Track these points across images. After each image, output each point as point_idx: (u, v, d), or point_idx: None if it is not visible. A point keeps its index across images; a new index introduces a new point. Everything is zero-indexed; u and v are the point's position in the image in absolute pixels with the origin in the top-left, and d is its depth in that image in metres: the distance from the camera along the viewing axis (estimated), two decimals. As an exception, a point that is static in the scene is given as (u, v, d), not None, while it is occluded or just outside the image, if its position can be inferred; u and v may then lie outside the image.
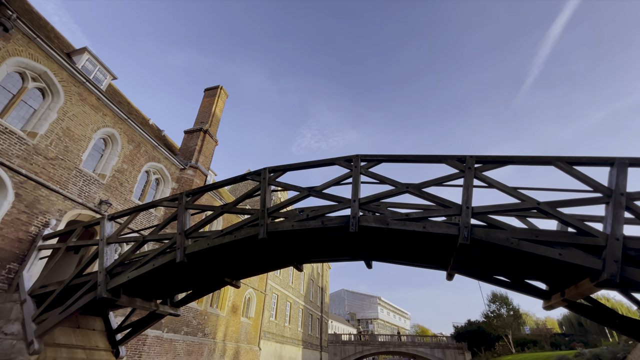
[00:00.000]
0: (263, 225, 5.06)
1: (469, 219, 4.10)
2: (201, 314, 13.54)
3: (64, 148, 8.15)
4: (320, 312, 38.87)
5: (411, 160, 5.01)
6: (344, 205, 4.87)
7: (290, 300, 27.49)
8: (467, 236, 3.97)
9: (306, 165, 5.66)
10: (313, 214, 4.96)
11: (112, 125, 9.86)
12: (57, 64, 8.29)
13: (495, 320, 32.57)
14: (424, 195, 4.55)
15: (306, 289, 33.48)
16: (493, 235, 3.95)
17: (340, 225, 4.68)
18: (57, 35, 11.74)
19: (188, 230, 5.61)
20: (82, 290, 5.69)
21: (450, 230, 4.11)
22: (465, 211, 4.16)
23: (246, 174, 6.05)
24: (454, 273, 5.19)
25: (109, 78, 11.56)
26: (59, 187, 7.84)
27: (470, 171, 4.44)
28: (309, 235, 5.28)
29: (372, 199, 4.77)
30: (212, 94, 17.72)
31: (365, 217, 4.61)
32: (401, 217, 4.44)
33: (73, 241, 6.59)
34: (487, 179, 4.38)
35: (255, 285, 19.73)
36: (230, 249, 5.57)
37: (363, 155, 5.27)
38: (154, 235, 5.90)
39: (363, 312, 77.36)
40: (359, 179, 5.00)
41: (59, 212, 7.74)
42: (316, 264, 38.43)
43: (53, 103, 8.17)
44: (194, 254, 5.42)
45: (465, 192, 4.32)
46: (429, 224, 4.25)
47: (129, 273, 5.51)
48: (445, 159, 4.77)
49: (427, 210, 4.48)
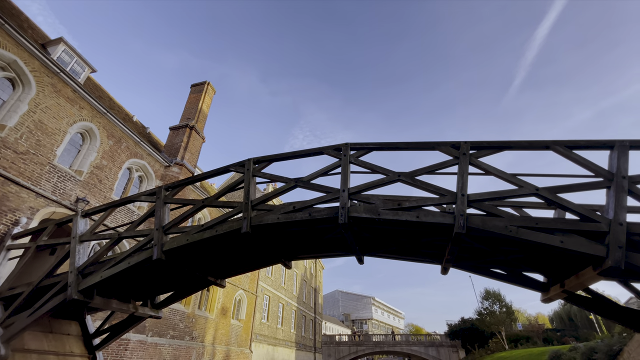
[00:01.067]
0: (247, 219, 4.76)
1: (464, 207, 3.88)
2: (188, 317, 13.10)
3: (35, 142, 7.68)
4: (314, 314, 38.57)
5: (403, 147, 4.79)
6: (332, 196, 4.60)
7: (282, 302, 27.12)
8: (463, 225, 3.75)
9: (293, 155, 5.38)
10: (300, 205, 4.68)
11: (89, 119, 9.40)
12: (28, 52, 7.82)
13: (488, 317, 32.76)
14: (417, 184, 4.32)
15: (299, 290, 33.15)
16: (490, 224, 3.73)
17: (328, 216, 4.41)
18: (31, 25, 11.20)
19: (166, 225, 5.28)
20: (52, 292, 5.29)
21: (446, 219, 3.88)
22: (461, 199, 3.94)
23: (229, 165, 5.75)
24: (449, 266, 4.98)
25: (87, 70, 11.06)
26: (30, 183, 7.38)
27: (465, 157, 4.23)
28: (296, 228, 5.01)
29: (363, 188, 4.51)
30: (199, 90, 17.27)
31: (355, 208, 4.36)
32: (393, 206, 4.20)
33: (44, 240, 6.17)
34: (483, 165, 4.17)
35: (246, 287, 19.32)
36: (212, 245, 5.25)
37: (352, 144, 5.03)
38: (130, 232, 5.54)
39: (357, 312, 77.39)
40: (349, 168, 4.75)
41: (30, 209, 7.28)
42: (309, 264, 38.14)
43: (24, 94, 7.70)
44: (173, 250, 5.09)
45: (460, 179, 4.10)
46: (422, 213, 4.01)
47: (102, 272, 5.15)
48: (439, 146, 4.55)
49: (420, 199, 4.24)
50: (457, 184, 4.12)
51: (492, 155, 4.40)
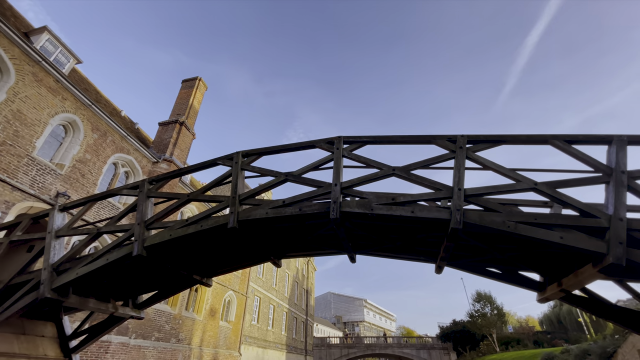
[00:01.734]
0: (234, 213, 4.55)
1: (461, 201, 3.74)
2: (175, 318, 12.74)
3: (13, 133, 7.33)
4: (306, 315, 38.28)
5: (398, 141, 4.64)
6: (324, 190, 4.42)
7: (273, 303, 26.80)
8: (459, 220, 3.61)
9: (284, 148, 5.19)
10: (290, 200, 4.49)
11: (73, 111, 9.05)
12: (7, 39, 7.47)
13: (480, 319, 32.95)
14: (412, 178, 4.17)
15: (290, 292, 32.85)
16: (488, 219, 3.60)
17: (320, 211, 4.23)
18: (15, 14, 10.79)
19: (148, 220, 5.03)
20: (24, 290, 4.99)
21: (441, 214, 3.74)
22: (457, 193, 3.80)
23: (217, 158, 5.54)
24: (443, 265, 4.84)
25: (72, 61, 10.69)
26: (6, 175, 7.02)
27: (461, 151, 4.10)
28: (286, 224, 4.83)
29: (356, 182, 4.35)
30: (190, 85, 16.94)
31: (347, 202, 4.19)
32: (387, 201, 4.04)
33: (18, 235, 5.84)
34: (480, 159, 4.05)
35: (236, 287, 18.98)
36: (197, 241, 5.03)
37: (346, 137, 4.87)
38: (110, 226, 5.27)
39: (349, 314, 77.31)
40: (341, 161, 4.59)
41: (5, 203, 6.92)
42: (301, 265, 37.84)
43: (2, 82, 7.35)
44: (155, 247, 4.84)
45: (456, 173, 3.97)
46: (417, 208, 3.86)
47: (78, 269, 4.86)
48: (435, 139, 4.41)
49: (416, 195, 4.09)
50: (453, 179, 3.99)
51: (490, 149, 4.29)
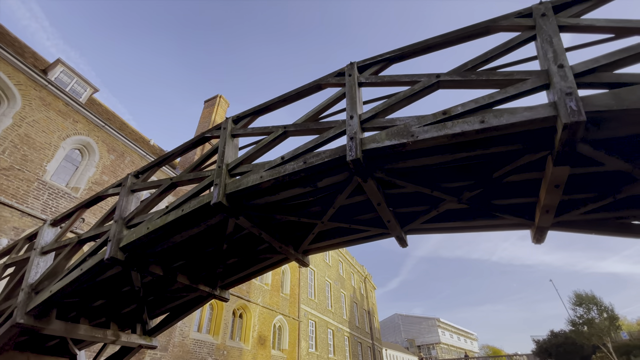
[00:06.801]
0: (218, 185, 3.40)
1: (568, 82, 2.14)
2: (218, 349, 11.82)
3: (21, 157, 7.23)
4: (371, 339, 35.54)
5: (438, 44, 3.17)
6: (337, 130, 3.09)
7: (331, 327, 24.98)
8: (576, 108, 2.00)
9: (281, 99, 3.99)
10: (291, 154, 3.22)
11: (86, 133, 8.99)
12: (11, 66, 7.59)
13: (585, 327, 27.38)
14: (471, 78, 2.66)
15: (349, 314, 30.73)
16: (634, 95, 1.96)
17: (332, 158, 2.89)
18: (21, 44, 11.47)
19: (127, 216, 4.10)
20: (3, 318, 4.28)
21: (538, 112, 2.16)
22: (558, 73, 2.21)
23: (205, 132, 4.56)
24: (547, 224, 3.09)
25: (89, 90, 10.98)
26: (14, 201, 6.82)
27: (545, 19, 2.54)
28: (294, 196, 3.54)
29: (382, 108, 2.96)
30: (211, 104, 17.04)
31: (372, 137, 2.79)
32: (435, 118, 2.56)
33: (12, 258, 5.34)
34: (582, 23, 2.46)
35: (286, 311, 17.76)
36: (185, 234, 3.93)
37: (361, 61, 3.56)
38: (90, 232, 4.45)
39: (422, 337, 71.36)
40: (357, 90, 3.26)
41: (14, 230, 6.67)
42: (357, 283, 35.55)
43: (8, 108, 7.39)
44: (135, 247, 3.85)
45: (547, 46, 2.39)
46: (491, 114, 2.32)
47: (52, 286, 4.04)
48: (497, 23, 2.89)
49: (479, 98, 2.55)
50: (541, 57, 2.43)
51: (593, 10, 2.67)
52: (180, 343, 9.98)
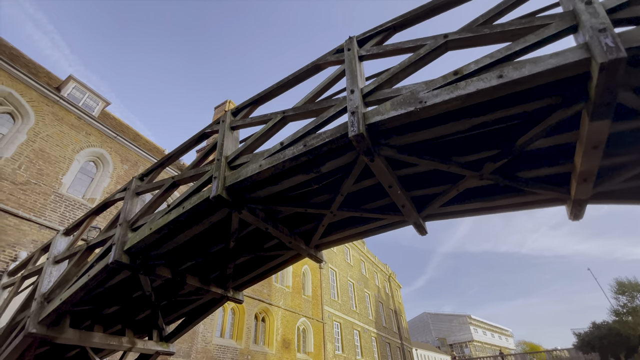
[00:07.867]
0: (217, 178, 3.23)
1: (601, 19, 1.81)
2: (242, 354, 11.74)
3: (37, 171, 7.42)
4: (400, 339, 34.77)
5: (446, 3, 2.88)
6: (337, 109, 2.85)
7: (357, 328, 24.56)
8: (617, 44, 1.67)
9: (280, 85, 3.78)
10: (290, 139, 3.00)
11: (99, 145, 9.17)
12: (23, 84, 7.83)
13: (630, 316, 25.60)
14: (483, 32, 2.36)
15: (376, 314, 30.17)
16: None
17: (332, 138, 2.64)
18: (35, 65, 11.84)
19: (132, 219, 4.00)
20: (17, 330, 4.29)
21: (567, 57, 1.84)
22: (587, 9, 1.88)
23: (205, 127, 4.42)
24: (586, 196, 2.72)
25: (101, 104, 11.25)
26: (32, 214, 6.98)
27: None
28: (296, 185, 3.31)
29: (385, 79, 2.69)
30: (221, 110, 17.21)
31: (375, 110, 2.53)
32: (446, 80, 2.27)
33: (29, 269, 5.41)
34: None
35: (309, 313, 17.55)
36: (190, 233, 3.79)
37: (360, 35, 3.31)
38: (99, 237, 4.40)
39: (454, 335, 69.27)
40: (357, 64, 3.01)
41: (33, 243, 6.81)
42: (381, 282, 34.90)
43: (23, 125, 7.62)
44: (140, 250, 3.74)
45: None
46: (511, 66, 2.01)
47: (62, 294, 3.99)
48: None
49: (494, 53, 2.24)
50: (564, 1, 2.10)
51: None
52: (203, 349, 9.96)
